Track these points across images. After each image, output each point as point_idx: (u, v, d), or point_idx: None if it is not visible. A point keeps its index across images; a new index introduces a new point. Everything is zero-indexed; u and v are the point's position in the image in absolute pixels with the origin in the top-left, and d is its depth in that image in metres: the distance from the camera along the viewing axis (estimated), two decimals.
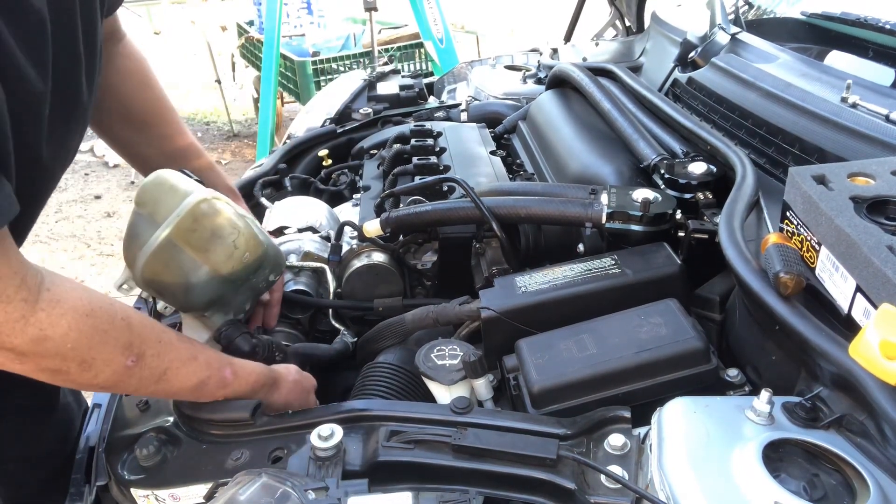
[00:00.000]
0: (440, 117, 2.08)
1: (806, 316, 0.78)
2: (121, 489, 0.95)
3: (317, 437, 0.84)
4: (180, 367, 0.90)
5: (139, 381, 0.86)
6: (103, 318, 0.81)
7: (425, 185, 1.39)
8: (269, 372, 1.03)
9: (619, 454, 0.79)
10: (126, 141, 1.24)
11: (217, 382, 0.94)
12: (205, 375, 0.93)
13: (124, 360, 0.83)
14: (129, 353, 0.83)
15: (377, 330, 1.22)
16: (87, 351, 0.79)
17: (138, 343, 0.85)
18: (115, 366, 0.83)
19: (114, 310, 0.83)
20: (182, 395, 0.95)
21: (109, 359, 0.82)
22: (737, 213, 0.99)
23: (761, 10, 1.91)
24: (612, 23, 2.75)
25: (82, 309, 0.78)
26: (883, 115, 1.06)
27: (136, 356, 0.84)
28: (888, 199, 0.82)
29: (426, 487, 0.82)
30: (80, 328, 0.78)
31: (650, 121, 1.45)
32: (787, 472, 0.66)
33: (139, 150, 1.25)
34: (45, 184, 0.96)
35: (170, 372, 0.89)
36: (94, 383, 0.84)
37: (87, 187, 4.95)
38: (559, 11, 3.66)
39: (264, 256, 1.10)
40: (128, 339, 0.83)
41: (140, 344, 0.85)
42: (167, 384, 0.90)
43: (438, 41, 4.73)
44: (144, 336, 0.86)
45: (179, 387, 0.92)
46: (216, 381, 0.94)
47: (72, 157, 1.00)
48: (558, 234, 1.30)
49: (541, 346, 0.95)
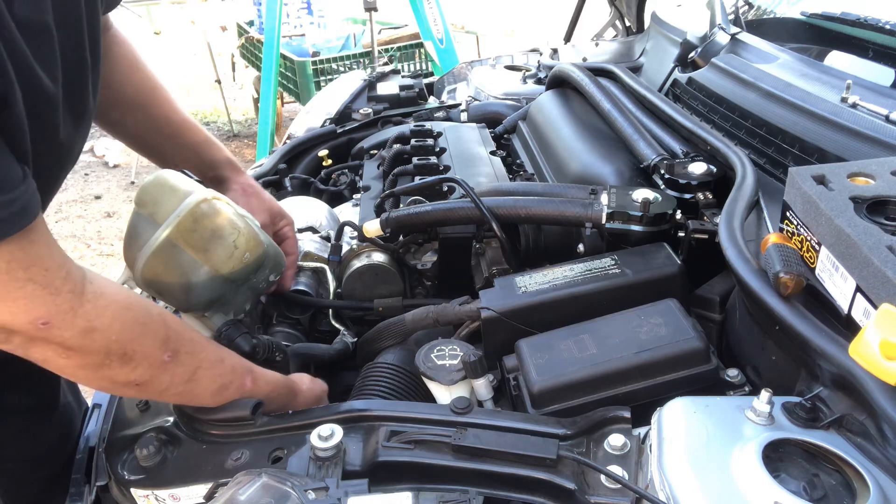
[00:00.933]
0: (440, 117, 2.08)
1: (806, 316, 0.78)
2: (121, 489, 0.95)
3: (317, 437, 0.84)
4: (210, 367, 0.91)
5: (171, 377, 0.87)
6: (141, 312, 0.82)
7: (425, 185, 1.39)
8: (286, 382, 1.04)
9: (619, 454, 0.79)
10: (122, 125, 1.23)
11: (237, 389, 0.95)
12: (228, 380, 0.93)
13: (162, 354, 0.83)
14: (167, 347, 0.84)
15: (377, 330, 1.22)
16: (128, 343, 0.80)
17: (174, 339, 0.85)
18: (153, 360, 0.83)
19: (149, 304, 0.84)
20: (203, 398, 0.94)
21: (148, 352, 0.82)
22: (737, 213, 0.99)
23: (761, 10, 1.91)
24: (612, 23, 2.75)
25: (123, 301, 0.80)
26: (883, 115, 1.06)
27: (172, 351, 0.85)
28: (888, 199, 0.82)
29: (426, 487, 0.82)
30: (122, 319, 0.78)
31: (650, 121, 1.45)
32: (787, 472, 0.66)
33: (136, 132, 1.25)
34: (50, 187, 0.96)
35: (200, 371, 0.89)
36: (129, 379, 0.83)
37: (87, 187, 4.95)
38: (559, 11, 3.66)
39: (264, 256, 1.10)
40: (165, 334, 0.84)
41: (176, 340, 0.86)
42: (195, 385, 0.90)
43: (438, 41, 4.74)
44: (179, 333, 0.87)
45: (205, 388, 0.92)
46: (236, 387, 0.95)
47: (75, 159, 1.00)
48: (558, 235, 1.30)
49: (541, 346, 0.95)
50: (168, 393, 0.90)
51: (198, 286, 1.03)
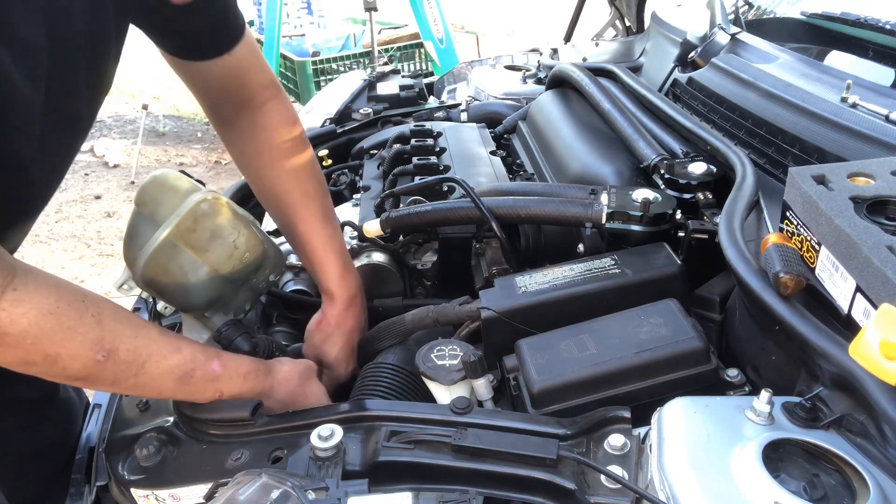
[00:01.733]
0: (440, 117, 2.08)
1: (806, 316, 0.78)
2: (121, 489, 0.95)
3: (317, 437, 0.84)
4: (160, 360, 0.90)
5: (114, 374, 0.87)
6: (69, 316, 0.82)
7: (425, 185, 1.39)
8: (259, 363, 1.03)
9: (619, 454, 0.79)
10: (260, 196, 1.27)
11: (204, 375, 0.94)
12: (189, 368, 0.93)
13: (93, 354, 0.84)
14: (99, 348, 0.84)
15: (377, 330, 1.22)
16: (49, 346, 0.81)
17: (110, 339, 0.85)
18: (84, 360, 0.84)
19: (83, 307, 0.84)
20: (168, 388, 0.94)
21: (76, 354, 0.83)
22: (737, 213, 0.99)
23: (761, 10, 1.91)
24: (612, 23, 2.76)
25: (46, 307, 0.80)
26: (883, 115, 1.06)
27: (106, 351, 0.85)
28: (888, 199, 0.82)
29: (426, 487, 0.82)
30: (41, 325, 0.79)
31: (650, 121, 1.45)
32: (787, 472, 0.66)
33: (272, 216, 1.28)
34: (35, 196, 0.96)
35: (149, 365, 0.89)
36: (67, 375, 0.85)
37: (87, 187, 4.95)
38: (559, 11, 3.66)
39: (264, 256, 1.10)
40: (97, 336, 0.84)
41: (112, 339, 0.85)
42: (147, 377, 0.90)
43: (438, 41, 4.74)
44: (117, 332, 0.86)
45: (162, 380, 0.91)
46: (203, 374, 0.94)
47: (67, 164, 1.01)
48: (558, 234, 1.30)
49: (541, 346, 0.95)
50: (121, 386, 0.91)
51: (198, 286, 1.03)
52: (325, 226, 1.20)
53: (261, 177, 1.20)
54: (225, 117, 1.16)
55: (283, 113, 1.16)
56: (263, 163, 1.18)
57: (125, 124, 5.95)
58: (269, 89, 1.15)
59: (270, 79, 1.15)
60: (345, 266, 1.23)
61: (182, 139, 5.92)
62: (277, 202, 1.21)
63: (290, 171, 1.17)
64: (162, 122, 6.14)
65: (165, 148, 5.73)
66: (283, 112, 1.16)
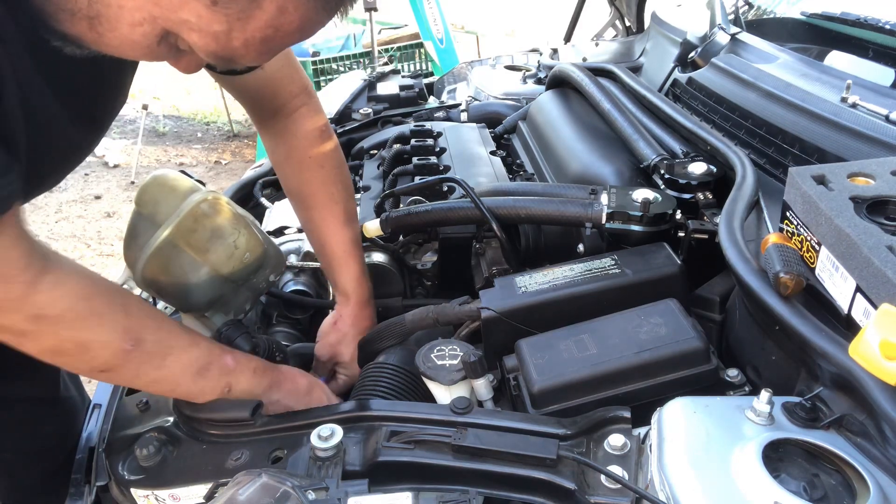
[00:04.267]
0: (440, 117, 2.08)
1: (806, 316, 0.78)
2: (121, 489, 0.95)
3: (317, 437, 0.84)
4: (181, 353, 0.92)
5: (139, 364, 0.88)
6: (101, 302, 0.84)
7: (425, 185, 1.39)
8: (266, 362, 1.05)
9: (619, 454, 0.79)
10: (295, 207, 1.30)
11: (219, 368, 0.96)
12: (206, 361, 0.94)
13: (122, 343, 0.85)
14: (127, 336, 0.85)
15: (377, 330, 1.22)
16: (83, 332, 0.82)
17: (137, 328, 0.87)
18: (113, 348, 0.85)
19: (113, 296, 0.86)
20: (185, 381, 0.95)
21: (106, 341, 0.84)
22: (737, 213, 0.99)
23: (761, 10, 1.91)
24: (612, 23, 2.76)
25: (82, 292, 0.82)
26: (883, 115, 1.06)
27: (134, 340, 0.86)
28: (888, 199, 0.82)
29: (426, 487, 0.82)
30: (76, 309, 0.81)
31: (650, 121, 1.45)
32: (787, 472, 0.66)
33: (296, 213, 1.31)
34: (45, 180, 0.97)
35: (171, 357, 0.91)
36: (93, 366, 0.86)
37: (87, 187, 4.95)
38: (559, 11, 3.66)
39: (264, 256, 1.11)
40: (126, 324, 0.85)
41: (139, 329, 0.87)
42: (169, 370, 0.91)
43: (438, 41, 4.74)
44: (144, 322, 0.88)
45: (182, 372, 0.93)
46: (218, 367, 0.95)
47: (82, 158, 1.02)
48: (558, 235, 1.30)
49: (541, 346, 0.95)
50: (142, 379, 0.93)
51: (198, 286, 1.03)
52: (345, 229, 1.24)
53: (288, 177, 1.25)
54: (260, 119, 1.21)
55: (312, 119, 1.20)
56: (292, 165, 1.22)
57: (125, 124, 5.94)
58: (299, 97, 1.19)
59: (302, 86, 1.19)
60: (362, 268, 1.27)
61: (182, 139, 5.93)
62: (302, 202, 1.25)
63: (316, 174, 1.22)
64: (162, 122, 6.15)
65: (165, 148, 5.73)
66: (313, 118, 1.21)
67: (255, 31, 0.69)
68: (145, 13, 0.67)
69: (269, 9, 0.67)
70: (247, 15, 0.67)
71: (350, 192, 1.27)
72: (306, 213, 1.26)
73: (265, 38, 0.70)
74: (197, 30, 0.68)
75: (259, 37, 0.70)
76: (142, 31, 0.69)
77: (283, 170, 1.24)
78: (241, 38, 0.69)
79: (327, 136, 1.22)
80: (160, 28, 0.69)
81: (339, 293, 1.27)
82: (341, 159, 1.26)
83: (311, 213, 1.24)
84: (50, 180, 0.98)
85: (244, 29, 0.69)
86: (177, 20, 0.67)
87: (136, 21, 0.68)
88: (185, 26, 0.68)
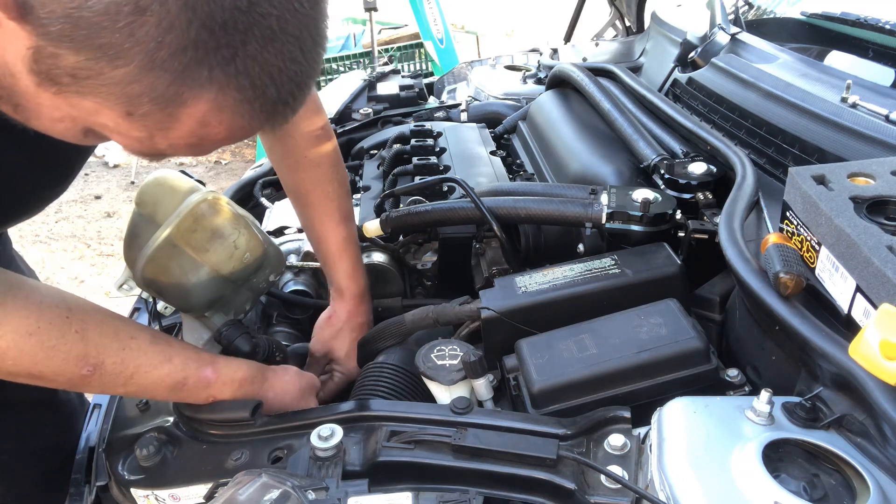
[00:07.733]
0: (440, 117, 2.08)
1: (806, 316, 0.78)
2: (121, 489, 0.95)
3: (317, 437, 0.84)
4: (150, 371, 0.91)
5: (102, 385, 0.89)
6: (51, 335, 0.82)
7: (425, 185, 1.39)
8: (258, 369, 1.03)
9: (619, 454, 0.79)
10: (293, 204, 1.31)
11: (197, 382, 0.95)
12: (180, 377, 0.93)
13: (77, 370, 0.84)
14: (83, 363, 0.84)
15: (377, 330, 1.22)
16: (31, 366, 0.82)
17: (95, 353, 0.85)
18: (69, 375, 0.84)
19: (66, 324, 0.84)
20: (161, 395, 0.95)
21: (60, 370, 0.83)
22: (737, 213, 0.99)
23: (761, 10, 1.91)
24: (612, 23, 2.76)
25: (25, 329, 0.80)
26: (883, 115, 1.06)
27: (92, 366, 0.85)
28: (888, 199, 0.82)
29: (426, 487, 0.82)
30: (20, 347, 0.80)
31: (650, 121, 1.45)
32: (787, 472, 0.66)
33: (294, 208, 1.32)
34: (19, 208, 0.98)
35: (137, 376, 0.90)
36: (55, 387, 0.87)
37: (87, 187, 4.95)
38: (559, 11, 3.66)
39: (264, 256, 1.11)
40: (81, 352, 0.84)
41: (97, 354, 0.86)
42: (137, 386, 0.91)
43: (438, 41, 4.74)
44: (103, 346, 0.87)
45: (154, 388, 0.93)
46: (196, 381, 0.94)
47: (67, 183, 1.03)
48: (558, 235, 1.30)
49: (541, 346, 0.95)
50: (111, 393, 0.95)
51: (198, 286, 1.03)
52: (340, 226, 1.25)
53: (285, 175, 1.26)
54: None
55: (311, 119, 1.20)
56: (289, 164, 1.23)
57: None
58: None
59: None
60: (356, 264, 1.27)
61: None
62: (299, 200, 1.26)
63: (312, 173, 1.23)
64: None
65: None
66: (312, 118, 1.21)
67: (177, 139, 0.66)
68: (63, 112, 0.65)
69: (188, 122, 0.63)
70: (166, 126, 0.64)
71: (346, 190, 1.27)
72: (303, 210, 1.27)
73: (190, 144, 0.67)
74: (117, 133, 0.66)
75: (184, 143, 0.67)
76: (63, 126, 0.67)
77: (281, 168, 1.25)
78: (165, 143, 0.66)
79: (325, 136, 1.23)
80: (81, 125, 0.67)
81: (334, 289, 1.28)
82: (338, 158, 1.26)
83: (307, 211, 1.26)
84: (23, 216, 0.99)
85: (167, 136, 0.65)
86: (96, 123, 0.65)
87: (55, 118, 0.66)
88: (106, 129, 0.66)
